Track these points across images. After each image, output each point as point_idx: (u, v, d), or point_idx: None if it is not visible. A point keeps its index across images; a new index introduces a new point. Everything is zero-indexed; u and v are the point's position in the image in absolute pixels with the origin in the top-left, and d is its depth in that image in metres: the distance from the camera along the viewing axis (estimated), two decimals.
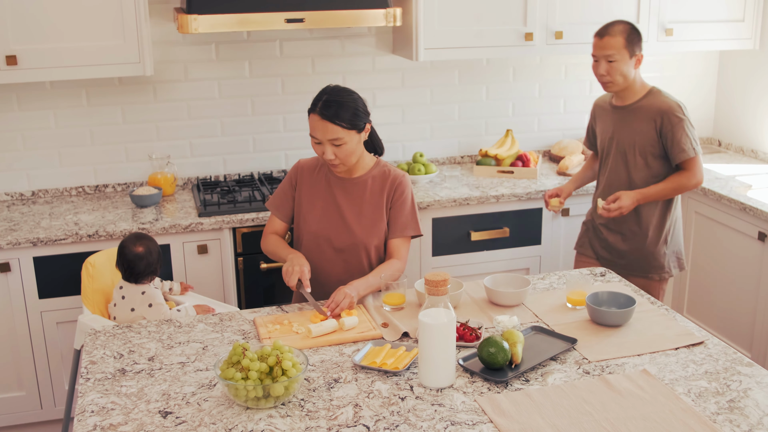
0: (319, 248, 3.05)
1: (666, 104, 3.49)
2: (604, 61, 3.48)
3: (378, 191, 3.03)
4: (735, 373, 2.36)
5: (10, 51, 3.66)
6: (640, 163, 3.55)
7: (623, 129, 3.57)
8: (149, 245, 3.22)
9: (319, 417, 2.16)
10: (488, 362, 2.35)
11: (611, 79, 3.49)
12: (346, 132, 2.86)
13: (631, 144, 3.55)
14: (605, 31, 3.48)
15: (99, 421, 2.15)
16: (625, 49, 3.44)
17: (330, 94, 2.89)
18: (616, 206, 3.45)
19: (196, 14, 3.66)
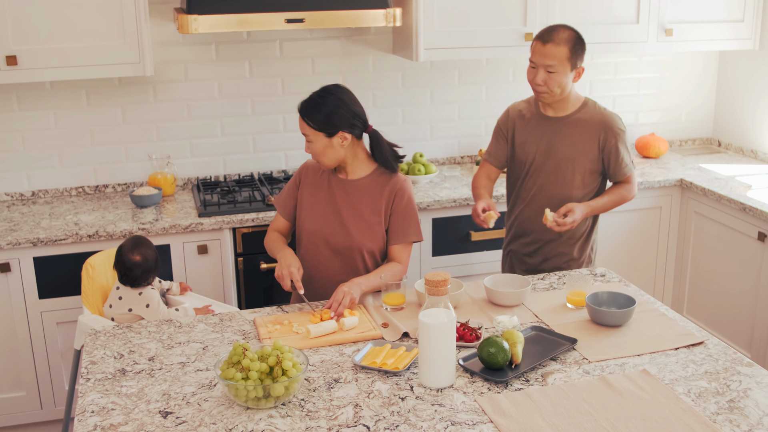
0: (316, 248, 3.06)
1: (607, 116, 3.27)
2: (543, 70, 3.18)
3: (377, 195, 3.03)
4: (735, 373, 2.36)
5: (10, 51, 3.66)
6: (578, 179, 3.29)
7: (561, 143, 3.28)
8: (146, 253, 3.22)
9: (319, 417, 2.16)
10: (488, 362, 2.35)
11: (547, 90, 3.20)
12: (312, 132, 2.93)
13: (570, 159, 3.28)
14: (549, 36, 3.18)
15: (99, 421, 2.16)
16: (568, 61, 3.16)
17: (318, 92, 2.98)
18: (570, 219, 3.14)
19: (196, 14, 3.66)
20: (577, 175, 3.29)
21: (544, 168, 3.32)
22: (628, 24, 4.42)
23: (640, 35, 4.45)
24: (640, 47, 4.49)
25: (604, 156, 3.28)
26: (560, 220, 3.13)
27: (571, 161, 3.28)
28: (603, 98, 4.93)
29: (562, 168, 3.29)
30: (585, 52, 3.22)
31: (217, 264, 3.86)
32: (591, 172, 3.30)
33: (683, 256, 4.52)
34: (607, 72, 4.90)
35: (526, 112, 3.41)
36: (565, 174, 3.30)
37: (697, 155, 4.94)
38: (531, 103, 3.42)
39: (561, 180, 3.30)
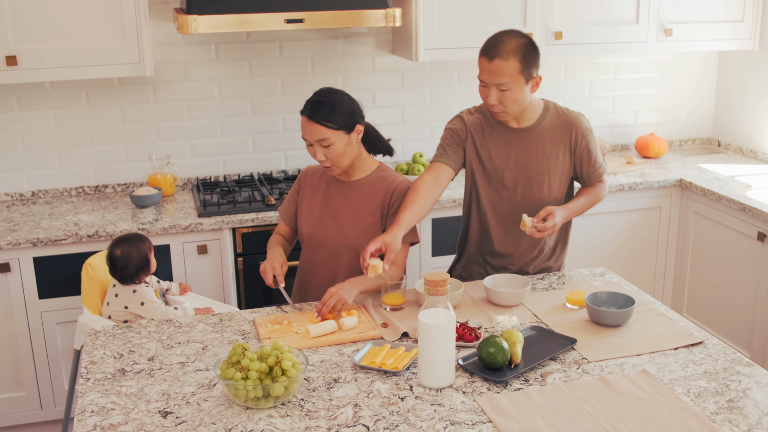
0: (315, 250, 3.06)
1: (573, 117, 3.03)
2: (495, 89, 2.85)
3: (374, 196, 3.02)
4: (734, 373, 2.36)
5: (10, 51, 3.67)
6: (555, 188, 3.06)
7: (533, 157, 3.02)
8: (128, 250, 3.24)
9: (318, 417, 2.16)
10: (488, 362, 2.36)
11: (504, 110, 2.90)
12: (332, 132, 2.86)
13: (545, 171, 3.03)
14: (495, 51, 2.82)
15: (99, 421, 2.16)
16: (521, 74, 2.82)
17: (319, 95, 2.93)
18: (551, 223, 2.89)
19: (196, 14, 3.66)
20: (554, 185, 3.06)
21: (517, 185, 3.05)
22: (628, 24, 4.42)
23: (640, 35, 4.46)
24: (640, 47, 4.49)
25: (576, 159, 3.06)
26: (540, 225, 2.87)
27: (546, 173, 3.04)
28: (603, 98, 4.93)
29: (537, 182, 3.04)
30: (539, 58, 2.89)
31: (217, 264, 3.86)
32: (565, 179, 3.08)
33: (683, 256, 4.52)
34: (607, 72, 4.90)
35: (484, 121, 3.06)
36: (541, 187, 3.05)
37: (697, 155, 4.94)
38: (484, 112, 3.08)
39: (537, 194, 3.05)
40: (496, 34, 2.89)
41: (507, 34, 2.86)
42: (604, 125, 4.98)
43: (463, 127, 3.07)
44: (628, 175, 4.45)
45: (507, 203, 3.08)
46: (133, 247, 3.25)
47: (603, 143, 4.77)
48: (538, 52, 2.88)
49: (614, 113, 4.99)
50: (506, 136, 3.03)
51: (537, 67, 2.88)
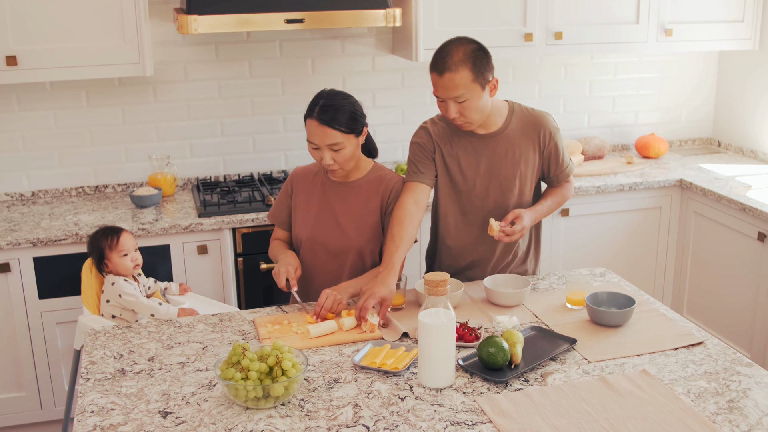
0: (315, 253, 3.05)
1: (539, 117, 2.98)
2: (453, 102, 2.79)
3: (373, 195, 3.02)
4: (734, 374, 2.36)
5: (10, 51, 3.67)
6: (526, 191, 3.03)
7: (503, 162, 2.97)
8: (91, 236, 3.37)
9: (318, 417, 2.16)
10: (488, 362, 2.35)
11: (467, 120, 2.84)
12: (344, 137, 2.85)
13: (515, 175, 2.98)
14: (444, 64, 2.75)
15: (99, 422, 2.16)
16: (475, 82, 2.76)
17: (327, 98, 2.88)
18: (519, 227, 2.87)
19: (196, 15, 3.66)
20: (525, 188, 3.03)
21: (489, 192, 3.00)
22: (628, 24, 4.42)
23: (640, 35, 4.46)
24: (640, 47, 4.49)
25: (544, 160, 3.02)
26: (508, 229, 2.85)
27: (517, 177, 2.99)
28: (603, 98, 4.93)
29: (509, 187, 3.00)
30: (491, 60, 2.81)
31: (217, 264, 3.86)
32: (534, 180, 3.05)
33: (683, 257, 4.52)
34: (607, 72, 4.90)
35: (449, 130, 3.00)
36: (512, 192, 3.01)
37: (697, 155, 4.94)
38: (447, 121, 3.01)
39: (509, 199, 3.01)
40: (442, 45, 2.81)
41: (453, 44, 2.79)
42: (604, 125, 4.98)
43: (429, 139, 3.00)
44: (628, 175, 4.45)
45: (478, 211, 3.04)
46: (92, 237, 3.34)
47: (603, 143, 4.77)
48: (488, 56, 2.81)
49: (614, 113, 4.99)
50: (474, 143, 2.97)
51: (491, 70, 2.81)
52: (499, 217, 3.00)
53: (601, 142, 4.78)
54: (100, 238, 3.31)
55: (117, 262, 3.29)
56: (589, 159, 4.75)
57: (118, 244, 3.29)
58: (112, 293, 3.25)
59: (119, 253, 3.29)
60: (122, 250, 3.29)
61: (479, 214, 3.04)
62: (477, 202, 3.03)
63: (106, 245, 3.29)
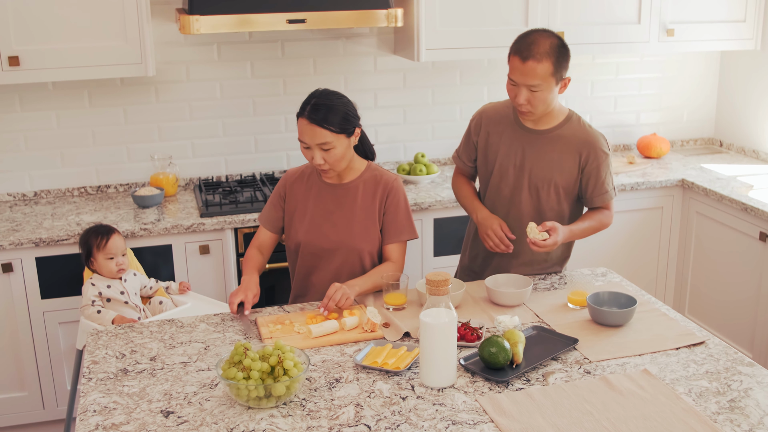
0: (312, 255, 3.04)
1: (592, 136, 3.00)
2: (526, 89, 2.86)
3: (370, 196, 3.01)
4: (736, 373, 2.36)
5: (13, 52, 3.67)
6: (553, 200, 3.05)
7: (539, 159, 3.02)
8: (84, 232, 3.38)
9: (320, 417, 2.16)
10: (489, 362, 2.36)
11: (531, 110, 2.92)
12: (335, 136, 2.85)
13: (548, 179, 3.02)
14: (528, 52, 2.82)
15: (101, 421, 2.16)
16: (553, 76, 2.84)
17: (319, 97, 2.88)
18: (551, 242, 2.86)
19: (198, 15, 3.66)
20: (552, 195, 3.04)
21: (517, 185, 3.06)
22: (630, 24, 4.42)
23: (642, 35, 4.46)
24: (642, 47, 4.49)
25: (583, 178, 3.03)
26: (540, 241, 2.85)
27: (548, 181, 3.02)
28: (604, 98, 4.93)
29: (537, 187, 3.04)
30: (569, 59, 2.91)
31: (219, 264, 3.87)
32: (567, 194, 3.06)
33: (685, 257, 4.52)
34: (609, 72, 4.90)
35: (502, 117, 3.11)
36: (539, 194, 3.05)
37: (699, 155, 4.94)
38: (509, 107, 3.11)
39: (535, 200, 3.06)
40: (529, 33, 2.89)
41: (540, 35, 2.85)
42: (606, 125, 4.98)
43: (479, 122, 3.15)
44: (630, 175, 4.45)
45: (505, 202, 3.10)
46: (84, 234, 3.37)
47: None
48: (569, 54, 2.89)
49: (616, 113, 4.99)
50: (519, 133, 3.05)
51: (567, 69, 2.90)
52: (525, 217, 3.06)
53: None
54: (90, 236, 3.33)
55: (101, 263, 3.30)
56: None
57: (105, 247, 3.29)
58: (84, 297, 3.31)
59: (105, 255, 3.29)
60: (108, 253, 3.29)
61: (505, 207, 3.11)
62: (505, 190, 3.09)
63: (94, 244, 3.30)
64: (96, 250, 3.29)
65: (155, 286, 3.44)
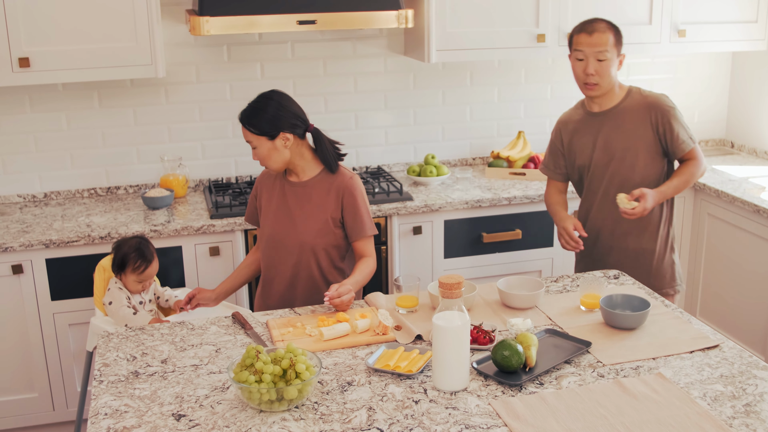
0: (275, 250, 3.14)
1: (653, 97, 3.31)
2: (594, 59, 3.22)
3: (324, 194, 3.09)
4: (751, 377, 2.35)
5: (23, 53, 3.67)
6: (640, 165, 3.30)
7: (615, 134, 3.30)
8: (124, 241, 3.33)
9: (332, 420, 2.15)
10: (502, 365, 2.34)
11: (599, 80, 3.24)
12: (254, 137, 3.00)
13: (627, 147, 3.29)
14: (592, 27, 3.24)
15: (113, 424, 2.15)
16: (615, 47, 3.24)
17: (256, 99, 3.06)
18: (641, 208, 3.13)
19: (208, 16, 3.66)
20: (639, 161, 3.29)
21: (604, 164, 3.34)
22: (641, 25, 4.41)
23: (653, 36, 4.44)
24: (653, 48, 4.47)
25: (660, 137, 3.28)
26: (629, 210, 3.13)
27: (630, 149, 3.28)
28: None
29: (622, 158, 3.30)
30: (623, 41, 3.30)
31: (229, 265, 3.86)
32: (653, 157, 3.30)
33: (696, 259, 4.50)
34: (620, 73, 4.86)
35: (572, 118, 3.44)
36: (626, 164, 3.30)
37: (710, 156, 4.92)
38: (577, 108, 3.46)
39: (624, 171, 3.30)
40: (588, 19, 3.31)
41: (596, 18, 3.29)
42: None
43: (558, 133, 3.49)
44: None
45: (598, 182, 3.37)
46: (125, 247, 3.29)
47: None
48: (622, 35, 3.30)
49: None
50: (591, 120, 3.37)
51: (622, 45, 3.28)
52: (617, 188, 3.31)
53: None
54: (131, 257, 3.26)
55: (129, 282, 3.28)
56: None
57: (142, 274, 3.27)
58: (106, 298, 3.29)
59: (138, 279, 3.28)
60: (142, 278, 3.28)
61: (599, 187, 3.37)
62: (597, 174, 3.37)
63: (131, 266, 3.26)
64: (131, 271, 3.27)
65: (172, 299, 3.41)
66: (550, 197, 3.55)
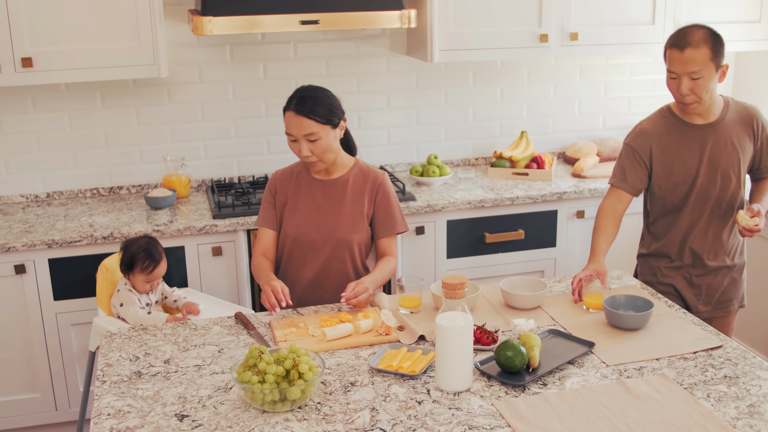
0: (301, 251, 3.09)
1: (751, 108, 3.12)
2: (687, 78, 2.91)
3: (359, 190, 3.07)
4: (755, 378, 2.34)
5: (26, 53, 3.67)
6: (735, 181, 3.09)
7: (724, 150, 3.05)
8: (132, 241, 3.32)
9: (335, 420, 2.15)
10: (506, 366, 2.34)
11: (697, 99, 2.95)
12: (320, 127, 2.92)
13: (732, 163, 3.06)
14: (685, 41, 2.90)
15: (115, 424, 2.15)
16: (712, 62, 2.90)
17: (304, 91, 2.97)
18: (763, 223, 2.97)
19: (211, 16, 3.66)
20: (740, 178, 3.11)
21: (711, 182, 3.07)
22: (644, 25, 4.40)
23: (656, 36, 4.43)
24: (656, 48, 4.46)
25: (756, 151, 3.12)
26: (753, 226, 2.94)
27: (735, 164, 3.07)
28: (618, 100, 4.91)
29: (728, 174, 3.08)
30: (724, 47, 2.97)
31: (232, 266, 3.86)
32: (745, 171, 3.15)
33: None
34: (623, 73, 4.88)
35: (663, 128, 3.10)
36: (730, 181, 3.08)
37: None
38: (665, 116, 3.14)
39: (727, 188, 3.09)
40: (682, 28, 2.97)
41: (692, 26, 2.95)
42: (619, 126, 4.96)
43: (645, 140, 3.12)
44: None
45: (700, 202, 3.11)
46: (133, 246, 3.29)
47: (618, 145, 4.75)
48: (723, 41, 2.96)
49: (630, 114, 4.96)
50: (693, 133, 3.08)
51: (723, 56, 2.96)
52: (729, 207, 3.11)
53: (616, 144, 4.76)
54: (139, 257, 3.26)
55: (138, 282, 3.28)
56: (604, 160, 4.72)
57: (150, 274, 3.27)
58: (116, 300, 3.28)
59: (145, 279, 3.27)
60: (150, 279, 3.28)
61: (704, 203, 3.11)
62: (702, 193, 3.09)
63: (139, 266, 3.25)
64: (139, 271, 3.27)
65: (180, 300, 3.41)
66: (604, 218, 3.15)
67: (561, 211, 4.22)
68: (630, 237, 4.39)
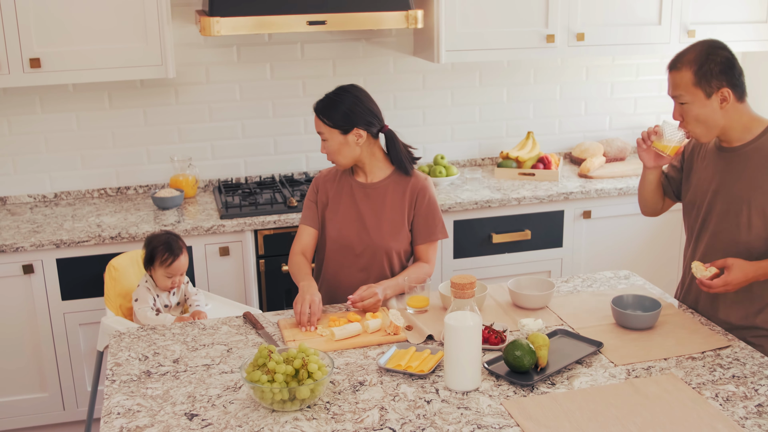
0: (342, 255, 3.08)
1: None
2: (676, 103, 2.62)
3: (399, 196, 3.05)
4: (763, 378, 2.34)
5: (34, 54, 3.68)
6: (756, 223, 2.60)
7: (734, 179, 2.64)
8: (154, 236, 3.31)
9: (345, 420, 2.15)
10: (514, 365, 2.34)
11: (689, 128, 2.63)
12: (328, 129, 2.96)
13: (744, 198, 2.61)
14: (674, 60, 2.61)
15: (125, 423, 2.16)
16: (696, 87, 2.55)
17: (335, 90, 3.03)
18: (721, 283, 2.53)
19: (218, 17, 3.67)
20: (754, 218, 2.60)
21: (713, 211, 2.71)
22: (651, 25, 4.40)
23: (663, 36, 4.43)
24: (663, 48, 4.46)
25: None
26: (706, 280, 2.56)
27: (746, 201, 2.61)
28: (625, 100, 4.91)
29: (734, 210, 2.64)
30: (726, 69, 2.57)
31: (239, 266, 3.87)
32: None
33: None
34: (629, 74, 4.88)
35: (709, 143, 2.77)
36: (739, 218, 2.63)
37: None
38: None
39: (734, 225, 2.65)
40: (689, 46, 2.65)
41: (697, 43, 2.63)
42: (625, 127, 4.95)
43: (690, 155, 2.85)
44: None
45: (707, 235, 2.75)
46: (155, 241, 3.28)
47: (625, 145, 4.75)
48: (723, 63, 2.57)
49: (636, 115, 4.96)
50: (716, 155, 2.72)
51: (720, 81, 2.55)
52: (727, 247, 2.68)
53: (623, 144, 4.76)
54: (159, 250, 3.25)
55: (159, 277, 3.27)
56: (610, 161, 4.72)
57: (169, 267, 3.26)
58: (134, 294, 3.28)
59: (166, 273, 3.26)
60: (170, 273, 3.26)
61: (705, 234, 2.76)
62: (706, 220, 2.75)
63: (159, 259, 3.25)
64: (159, 265, 3.27)
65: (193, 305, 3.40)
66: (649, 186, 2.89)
67: (567, 212, 4.22)
68: (637, 236, 4.39)
